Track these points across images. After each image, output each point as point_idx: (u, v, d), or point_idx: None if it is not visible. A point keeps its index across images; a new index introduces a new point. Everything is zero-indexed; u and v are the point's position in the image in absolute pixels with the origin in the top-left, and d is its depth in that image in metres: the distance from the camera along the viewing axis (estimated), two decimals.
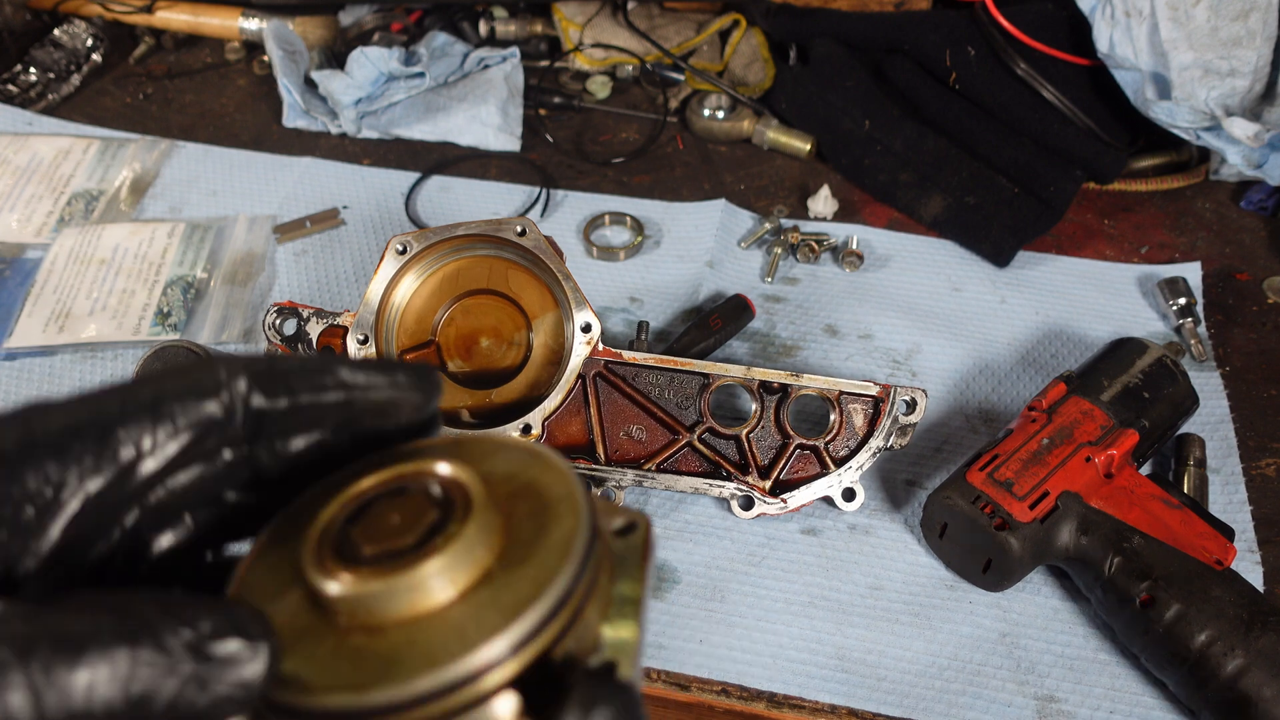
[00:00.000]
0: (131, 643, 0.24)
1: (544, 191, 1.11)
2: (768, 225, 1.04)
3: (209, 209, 1.10)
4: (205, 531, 0.33)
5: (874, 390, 0.80)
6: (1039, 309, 0.98)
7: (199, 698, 0.25)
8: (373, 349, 0.79)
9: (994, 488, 0.72)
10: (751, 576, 0.77)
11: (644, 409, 0.81)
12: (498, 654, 0.24)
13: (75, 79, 1.29)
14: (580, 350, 0.80)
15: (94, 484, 0.28)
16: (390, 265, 0.80)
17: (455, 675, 0.24)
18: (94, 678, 0.23)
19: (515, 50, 1.23)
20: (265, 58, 1.30)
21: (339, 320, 0.81)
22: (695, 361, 0.81)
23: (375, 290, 0.80)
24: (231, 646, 0.25)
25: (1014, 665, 0.72)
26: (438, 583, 0.26)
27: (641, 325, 0.91)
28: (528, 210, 1.09)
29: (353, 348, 0.79)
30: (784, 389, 0.81)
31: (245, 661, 0.25)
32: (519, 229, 0.80)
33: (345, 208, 1.09)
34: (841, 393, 0.80)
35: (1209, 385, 0.89)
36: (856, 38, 1.18)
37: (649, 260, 1.03)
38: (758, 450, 0.81)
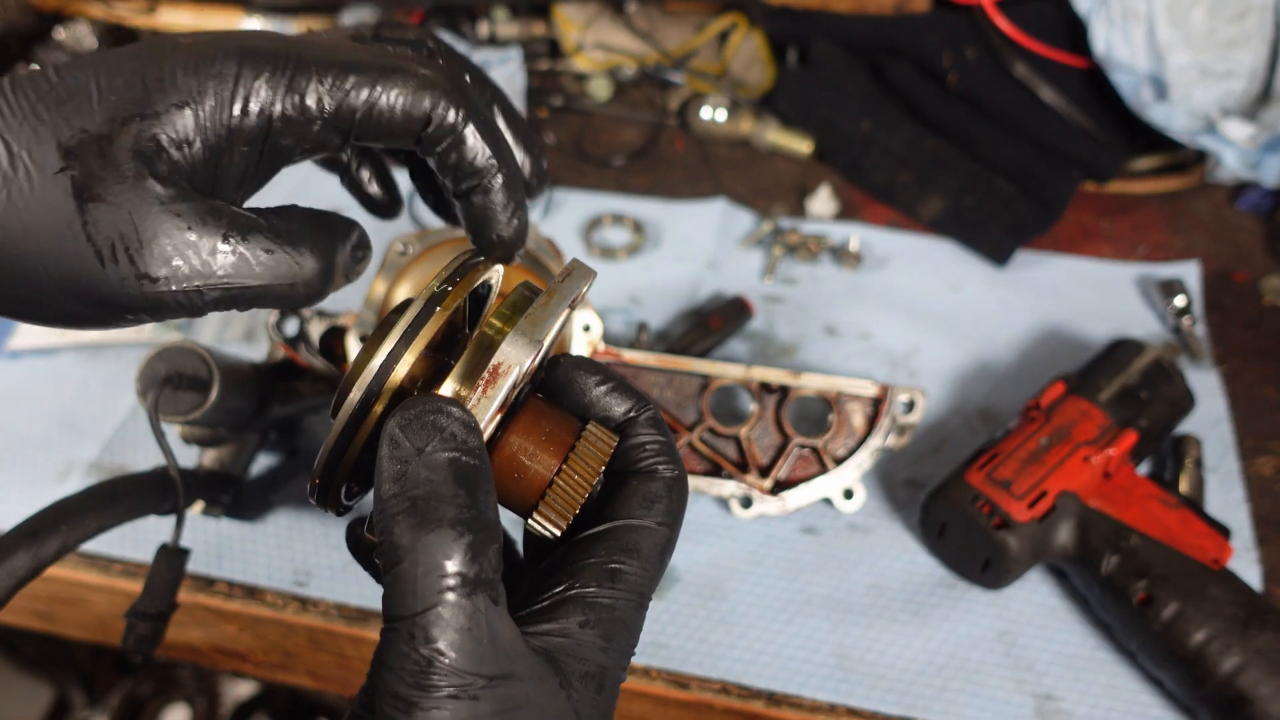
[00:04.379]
0: None
1: (544, 191, 1.11)
2: (767, 225, 1.05)
3: None
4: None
5: (873, 390, 0.80)
6: (1037, 309, 0.98)
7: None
8: None
9: (992, 487, 0.72)
10: (751, 575, 0.78)
11: None
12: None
13: None
14: (581, 350, 0.80)
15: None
16: (391, 266, 0.81)
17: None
18: None
19: (516, 52, 1.24)
20: None
21: (340, 321, 0.82)
22: (695, 361, 0.82)
23: (377, 291, 0.80)
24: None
25: (1012, 663, 0.72)
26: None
27: (641, 325, 0.91)
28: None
29: (353, 348, 0.80)
30: (783, 389, 0.81)
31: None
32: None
33: (346, 209, 1.09)
34: (840, 393, 0.81)
35: (1206, 385, 0.90)
36: (856, 39, 1.19)
37: (649, 260, 1.04)
38: (757, 450, 0.81)
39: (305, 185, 1.10)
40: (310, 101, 0.39)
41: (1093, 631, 0.74)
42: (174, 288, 0.37)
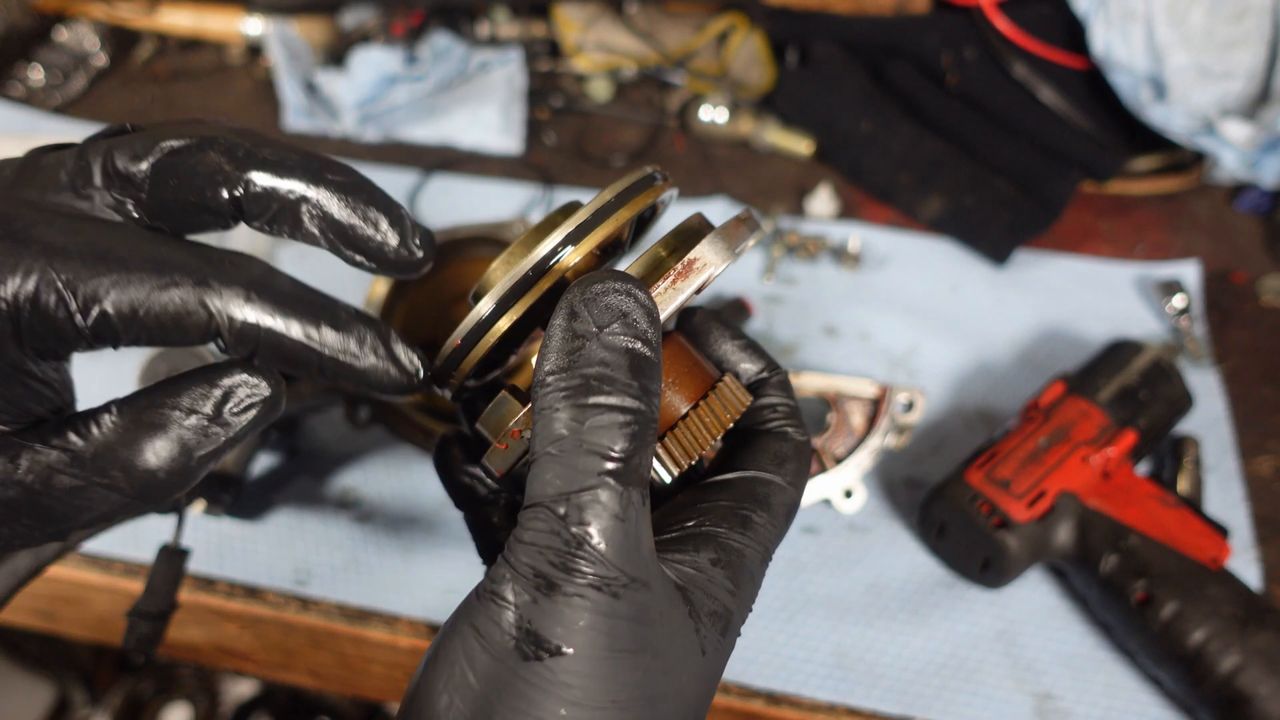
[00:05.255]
0: None
1: (545, 193, 1.12)
2: (767, 226, 1.05)
3: None
4: None
5: (872, 390, 0.80)
6: (1037, 309, 0.98)
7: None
8: None
9: (992, 487, 0.73)
10: None
11: None
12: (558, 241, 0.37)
13: (81, 80, 1.29)
14: None
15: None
16: None
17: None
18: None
19: (517, 52, 1.24)
20: (267, 61, 1.30)
21: None
22: None
23: (377, 291, 0.80)
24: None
25: (1011, 663, 0.72)
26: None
27: None
28: (529, 212, 1.10)
29: None
30: None
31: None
32: (519, 230, 0.81)
33: None
34: (840, 393, 0.81)
35: (1205, 385, 0.90)
36: (856, 40, 1.19)
37: None
38: None
39: None
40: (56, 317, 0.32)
41: (1092, 631, 0.74)
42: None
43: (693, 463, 0.40)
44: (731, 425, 0.41)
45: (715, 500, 0.39)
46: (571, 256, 0.37)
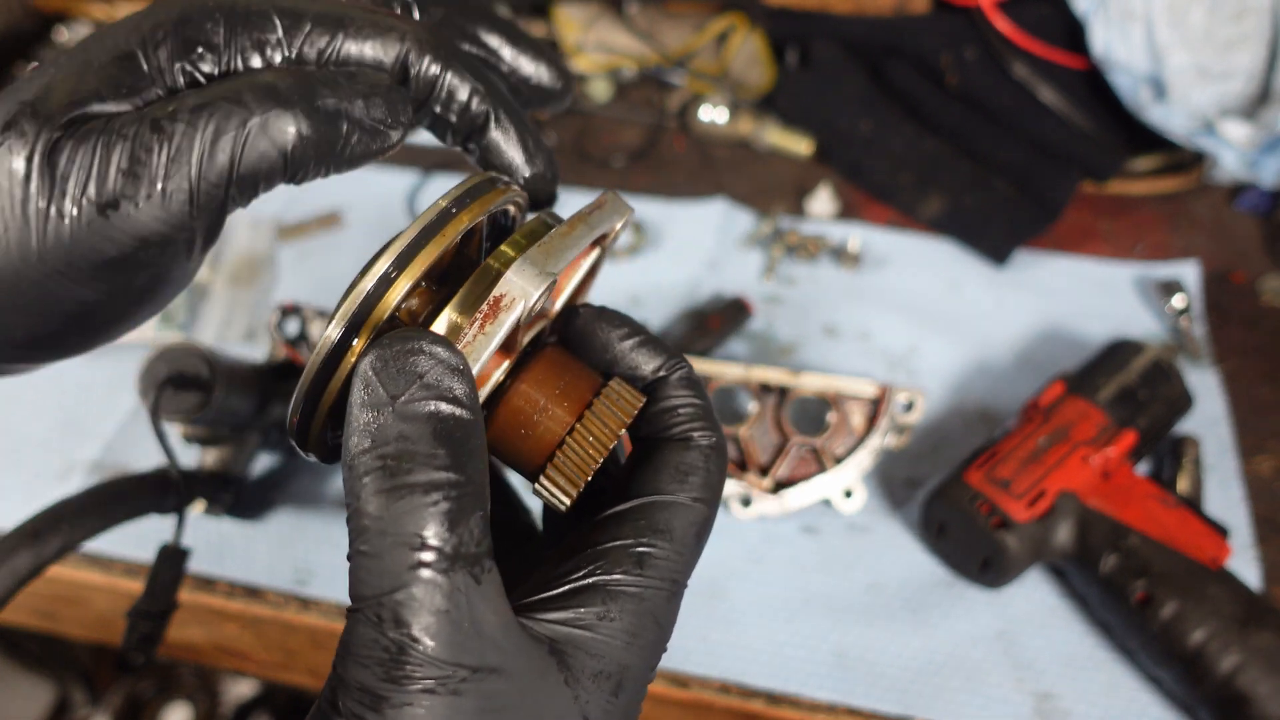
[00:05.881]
0: None
1: None
2: (767, 226, 1.05)
3: None
4: None
5: (872, 390, 0.80)
6: (1037, 309, 0.98)
7: None
8: None
9: (991, 487, 0.73)
10: (751, 575, 0.78)
11: None
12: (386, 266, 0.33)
13: None
14: None
15: None
16: None
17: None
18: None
19: None
20: None
21: None
22: (695, 361, 0.82)
23: None
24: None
25: (1011, 662, 0.72)
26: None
27: None
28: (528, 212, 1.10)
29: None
30: (782, 389, 0.81)
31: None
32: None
33: (347, 210, 1.10)
34: (839, 392, 0.81)
35: (1205, 385, 0.90)
36: (855, 40, 1.19)
37: (649, 261, 1.04)
38: (757, 449, 0.81)
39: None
40: (256, 63, 0.33)
41: (1092, 630, 0.74)
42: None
43: (580, 489, 0.37)
44: (624, 431, 0.37)
45: (608, 541, 0.35)
46: (393, 295, 0.33)
